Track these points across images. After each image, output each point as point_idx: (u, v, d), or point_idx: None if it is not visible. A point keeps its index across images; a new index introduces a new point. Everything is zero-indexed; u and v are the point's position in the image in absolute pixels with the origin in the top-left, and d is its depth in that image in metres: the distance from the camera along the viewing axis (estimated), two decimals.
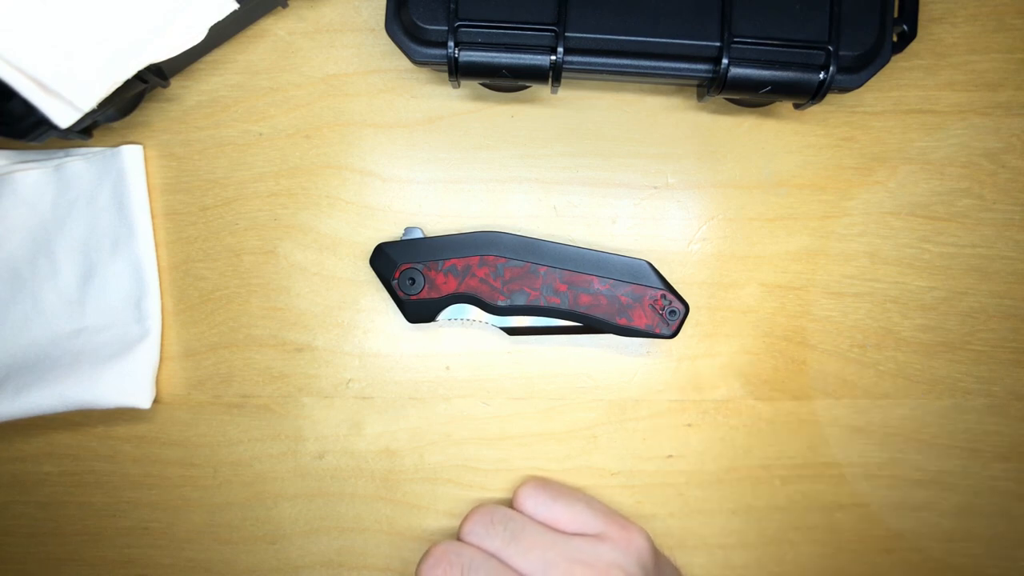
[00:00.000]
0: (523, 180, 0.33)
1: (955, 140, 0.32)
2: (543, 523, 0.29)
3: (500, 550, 0.28)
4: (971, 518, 0.34)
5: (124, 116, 0.31)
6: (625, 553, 0.28)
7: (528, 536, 0.28)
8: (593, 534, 0.29)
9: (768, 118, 0.33)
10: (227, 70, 0.32)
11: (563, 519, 0.30)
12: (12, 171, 0.32)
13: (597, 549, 0.28)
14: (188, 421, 0.34)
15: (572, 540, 0.28)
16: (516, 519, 0.29)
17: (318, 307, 0.33)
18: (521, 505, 0.30)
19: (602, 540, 0.29)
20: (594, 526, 0.29)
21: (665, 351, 0.33)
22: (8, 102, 0.25)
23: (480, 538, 0.28)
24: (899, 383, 0.33)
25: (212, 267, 0.33)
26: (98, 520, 0.34)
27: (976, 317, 0.33)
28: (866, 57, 0.28)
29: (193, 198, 0.33)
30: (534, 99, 0.33)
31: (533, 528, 0.29)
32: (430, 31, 0.28)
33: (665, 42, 0.28)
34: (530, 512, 0.30)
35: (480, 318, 0.32)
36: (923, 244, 0.33)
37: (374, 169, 0.33)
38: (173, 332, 0.33)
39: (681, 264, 0.33)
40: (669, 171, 0.33)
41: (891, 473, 0.34)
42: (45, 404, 0.31)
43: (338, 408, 0.34)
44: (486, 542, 0.28)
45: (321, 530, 0.34)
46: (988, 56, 0.32)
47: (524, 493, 0.31)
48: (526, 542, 0.28)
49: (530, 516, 0.30)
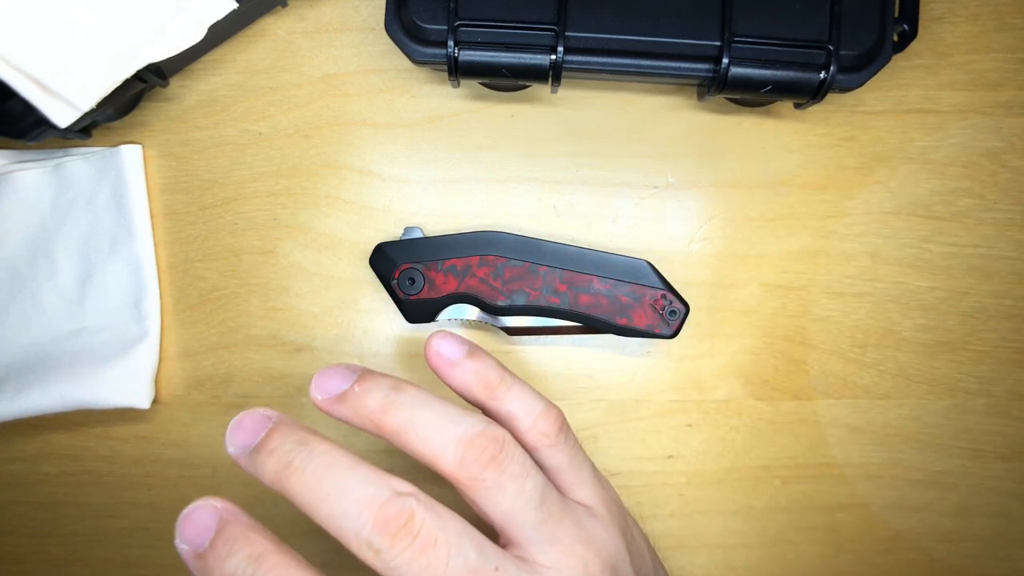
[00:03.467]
0: (523, 180, 0.33)
1: (956, 140, 0.32)
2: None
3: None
4: (971, 518, 0.34)
5: (123, 116, 0.31)
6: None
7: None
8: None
9: (768, 118, 0.32)
10: (226, 70, 0.32)
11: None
12: (11, 171, 0.32)
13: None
14: (188, 421, 0.34)
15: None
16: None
17: (317, 307, 0.33)
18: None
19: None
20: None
21: (665, 351, 0.33)
22: (7, 102, 0.25)
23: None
24: (899, 383, 0.33)
25: (211, 267, 0.33)
26: (98, 520, 0.34)
27: (977, 317, 0.33)
28: (867, 57, 0.28)
29: (192, 198, 0.33)
30: (534, 99, 0.33)
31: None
32: (430, 31, 0.28)
33: (665, 42, 0.28)
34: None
35: (480, 318, 0.31)
36: (924, 244, 0.33)
37: (374, 169, 0.33)
38: (172, 332, 0.33)
39: (681, 264, 0.33)
40: (669, 171, 0.33)
41: (891, 473, 0.34)
42: (44, 404, 0.31)
43: None
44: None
45: (321, 530, 0.34)
46: (989, 56, 0.32)
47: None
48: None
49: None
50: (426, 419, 0.22)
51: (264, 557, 0.20)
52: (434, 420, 0.22)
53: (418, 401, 0.23)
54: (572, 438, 0.26)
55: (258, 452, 0.21)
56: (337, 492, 0.20)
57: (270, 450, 0.21)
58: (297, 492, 0.21)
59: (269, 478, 0.21)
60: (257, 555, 0.20)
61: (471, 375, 0.25)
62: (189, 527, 0.21)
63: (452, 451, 0.22)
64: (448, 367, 0.25)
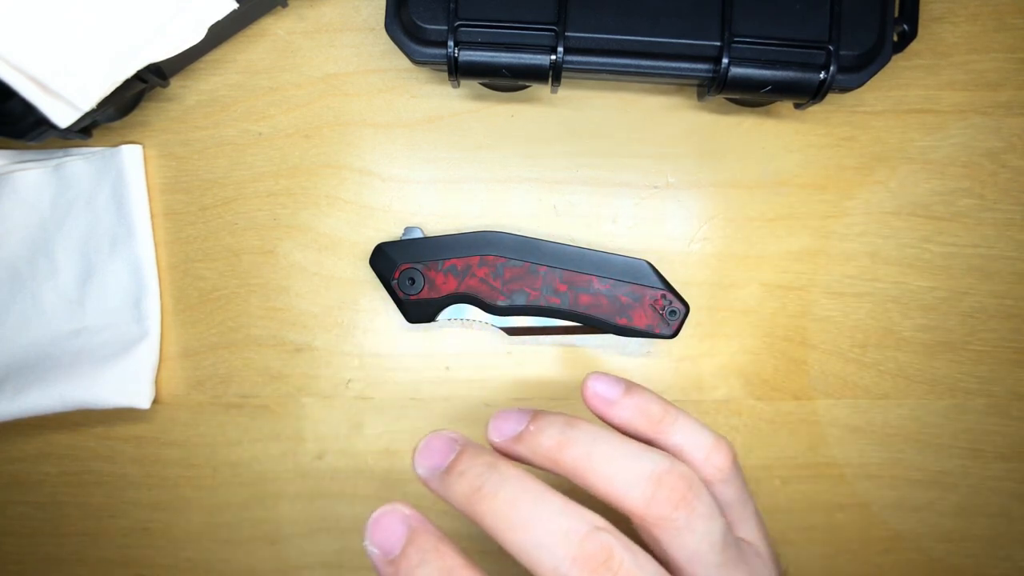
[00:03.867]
0: (523, 180, 0.33)
1: (956, 140, 0.32)
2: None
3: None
4: (971, 518, 0.34)
5: (123, 116, 0.31)
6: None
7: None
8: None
9: (768, 118, 0.32)
10: (226, 70, 0.32)
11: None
12: (11, 171, 0.32)
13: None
14: (188, 421, 0.34)
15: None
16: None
17: (317, 307, 0.33)
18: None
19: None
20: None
21: (665, 351, 0.33)
22: (7, 102, 0.25)
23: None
24: (899, 383, 0.33)
25: (211, 267, 0.33)
26: (97, 520, 0.34)
27: (977, 317, 0.33)
28: (866, 57, 0.28)
29: (192, 198, 0.33)
30: (534, 99, 0.33)
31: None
32: (430, 31, 0.28)
33: (665, 42, 0.28)
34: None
35: (480, 318, 0.31)
36: (924, 244, 0.33)
37: (374, 169, 0.33)
38: (172, 332, 0.33)
39: (681, 264, 0.33)
40: (669, 171, 0.33)
41: (891, 473, 0.34)
42: (44, 404, 0.31)
43: (338, 408, 0.34)
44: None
45: (321, 530, 0.34)
46: (989, 56, 0.32)
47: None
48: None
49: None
50: (606, 455, 0.22)
51: (455, 571, 0.20)
52: (615, 456, 0.22)
53: (595, 437, 0.22)
54: (741, 472, 0.26)
55: (448, 474, 0.22)
56: (531, 521, 0.20)
57: (460, 472, 0.21)
58: (488, 516, 0.21)
59: (459, 500, 0.21)
60: (448, 568, 0.20)
61: (632, 411, 0.25)
62: (379, 532, 0.21)
63: (641, 489, 0.21)
64: (607, 407, 0.25)
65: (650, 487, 0.21)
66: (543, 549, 0.20)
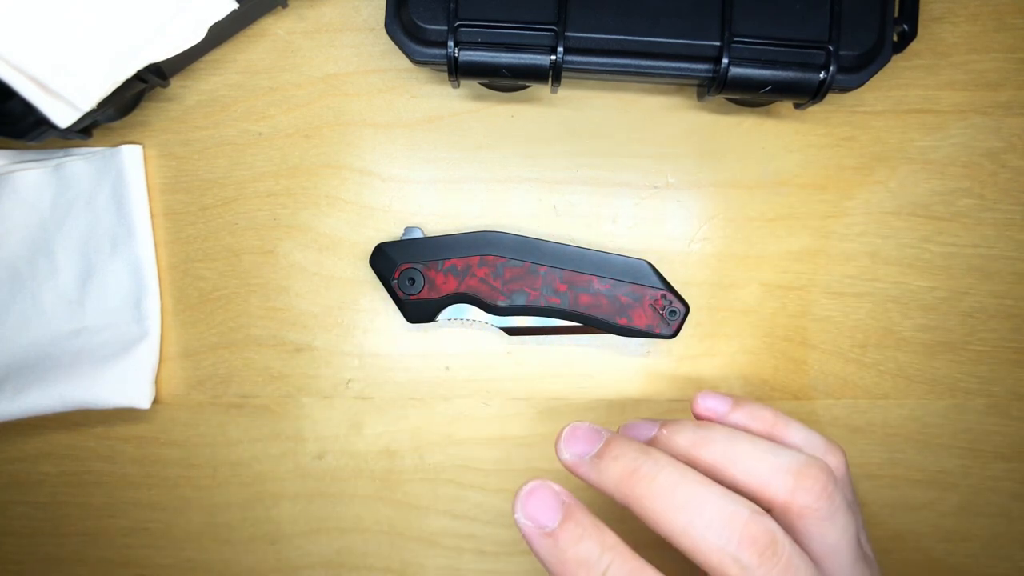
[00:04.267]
0: (523, 180, 0.33)
1: (956, 140, 0.32)
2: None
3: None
4: (971, 518, 0.34)
5: (124, 116, 0.31)
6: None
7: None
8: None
9: (768, 118, 0.32)
10: (227, 70, 0.32)
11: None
12: (12, 171, 0.32)
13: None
14: (188, 421, 0.34)
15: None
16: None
17: (318, 307, 0.33)
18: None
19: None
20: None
21: (665, 351, 0.33)
22: (8, 102, 0.25)
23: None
24: (899, 383, 0.33)
25: (211, 267, 0.33)
26: (98, 520, 0.34)
27: (977, 317, 0.33)
28: (866, 57, 0.28)
29: (192, 198, 0.33)
30: (534, 99, 0.33)
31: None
32: (430, 31, 0.28)
33: (665, 42, 0.28)
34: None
35: (480, 318, 0.31)
36: (924, 244, 0.33)
37: (374, 169, 0.33)
38: (172, 332, 0.33)
39: (681, 264, 0.33)
40: (669, 171, 0.33)
41: (891, 473, 0.34)
42: (44, 404, 0.31)
43: (338, 408, 0.34)
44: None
45: (321, 530, 0.34)
46: (989, 56, 0.32)
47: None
48: None
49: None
50: (745, 450, 0.23)
51: (616, 548, 0.20)
52: (754, 451, 0.23)
53: (731, 435, 0.23)
54: (851, 480, 0.26)
55: (601, 458, 0.22)
56: (695, 503, 0.20)
57: (615, 456, 0.22)
58: (646, 498, 0.21)
59: (613, 482, 0.22)
60: (610, 545, 0.20)
61: (747, 418, 0.26)
62: (534, 504, 0.21)
63: (783, 479, 0.22)
64: (722, 417, 0.26)
65: (791, 478, 0.22)
66: (709, 530, 0.20)
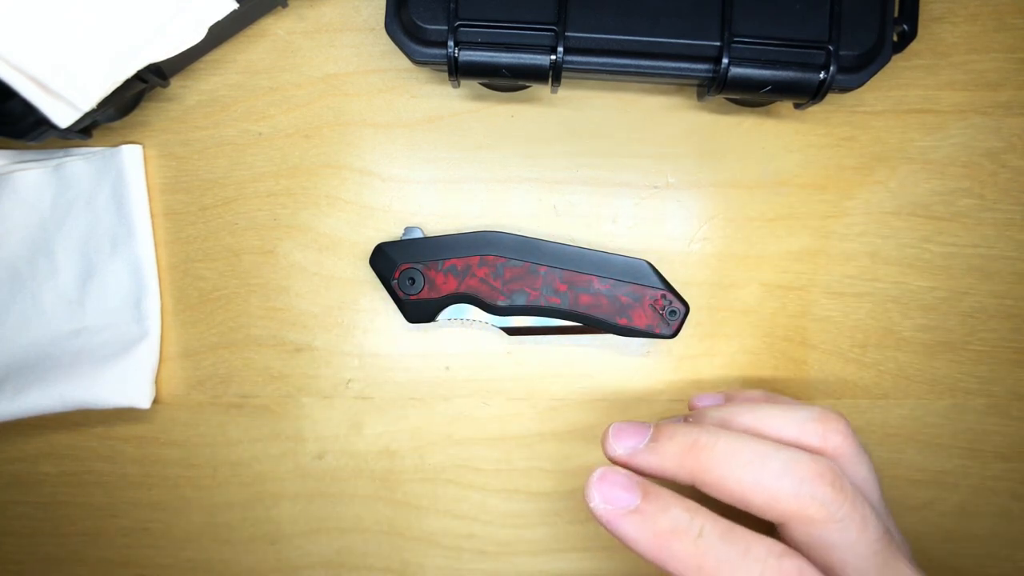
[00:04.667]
0: (523, 180, 0.33)
1: (956, 140, 0.32)
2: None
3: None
4: (971, 518, 0.34)
5: (124, 116, 0.31)
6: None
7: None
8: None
9: (768, 118, 0.32)
10: (227, 70, 0.32)
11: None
12: (12, 171, 0.32)
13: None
14: (188, 421, 0.34)
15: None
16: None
17: (317, 307, 0.33)
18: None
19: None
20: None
21: (665, 351, 0.33)
22: (8, 102, 0.26)
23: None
24: (899, 383, 0.33)
25: (211, 267, 0.33)
26: (98, 520, 0.34)
27: (977, 317, 0.33)
28: (866, 57, 0.28)
29: (192, 198, 0.33)
30: (534, 99, 0.33)
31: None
32: (430, 31, 0.28)
33: (665, 42, 0.28)
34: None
35: (480, 318, 0.31)
36: (924, 244, 0.33)
37: (374, 169, 0.33)
38: (172, 332, 0.33)
39: (681, 264, 0.33)
40: (669, 171, 0.33)
41: (891, 473, 0.34)
42: (44, 404, 0.31)
43: (338, 408, 0.34)
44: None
45: (321, 530, 0.34)
46: (989, 56, 0.32)
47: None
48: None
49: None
50: (768, 414, 0.24)
51: (703, 511, 0.21)
52: (777, 412, 0.24)
53: (750, 406, 0.24)
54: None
55: (656, 442, 0.23)
56: (759, 459, 0.21)
57: (669, 436, 0.22)
58: (713, 465, 0.22)
59: (676, 460, 0.22)
60: (696, 509, 0.21)
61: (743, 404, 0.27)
62: (608, 488, 0.22)
63: (812, 427, 0.23)
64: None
65: (819, 425, 0.23)
66: (781, 479, 0.21)
